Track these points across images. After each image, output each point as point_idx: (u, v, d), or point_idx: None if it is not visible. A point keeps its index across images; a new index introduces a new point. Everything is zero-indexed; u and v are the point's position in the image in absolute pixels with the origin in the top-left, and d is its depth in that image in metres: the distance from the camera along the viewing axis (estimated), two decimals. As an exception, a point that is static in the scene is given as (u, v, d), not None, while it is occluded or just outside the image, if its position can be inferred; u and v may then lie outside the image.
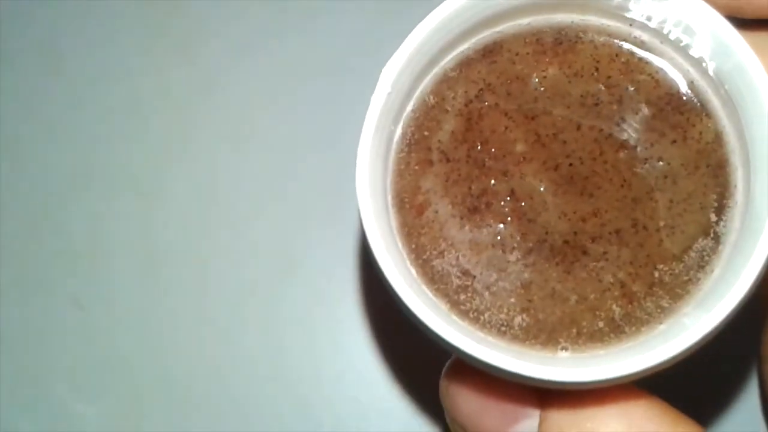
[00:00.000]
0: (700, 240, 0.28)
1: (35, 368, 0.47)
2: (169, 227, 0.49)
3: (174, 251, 0.48)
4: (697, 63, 0.28)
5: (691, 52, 0.28)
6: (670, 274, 0.28)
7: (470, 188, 0.29)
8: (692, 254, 0.28)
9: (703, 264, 0.28)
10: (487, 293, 0.29)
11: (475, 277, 0.29)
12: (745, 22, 0.32)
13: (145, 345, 0.47)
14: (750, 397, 0.44)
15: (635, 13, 0.29)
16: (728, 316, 0.25)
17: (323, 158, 0.48)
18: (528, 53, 0.30)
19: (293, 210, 0.48)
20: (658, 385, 0.29)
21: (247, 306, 0.47)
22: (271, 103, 0.50)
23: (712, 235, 0.28)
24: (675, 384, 0.31)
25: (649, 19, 0.29)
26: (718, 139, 0.29)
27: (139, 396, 0.47)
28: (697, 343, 0.25)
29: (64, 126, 0.51)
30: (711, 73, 0.28)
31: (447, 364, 0.31)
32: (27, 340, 0.48)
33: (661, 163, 0.29)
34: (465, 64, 0.30)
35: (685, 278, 0.28)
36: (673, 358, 0.25)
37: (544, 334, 0.28)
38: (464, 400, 0.30)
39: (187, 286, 0.48)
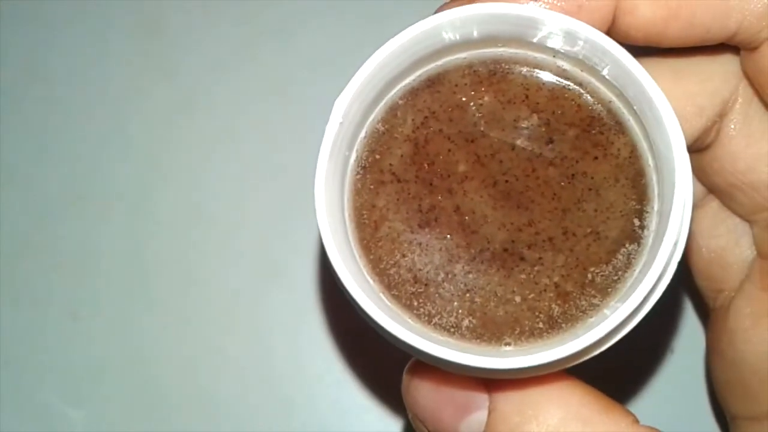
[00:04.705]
0: (625, 243, 0.32)
1: (30, 374, 0.50)
2: (157, 240, 0.52)
3: (161, 262, 0.51)
4: (613, 86, 0.32)
5: (607, 78, 0.32)
6: (601, 275, 0.32)
7: (420, 205, 0.33)
8: (619, 256, 0.32)
9: (629, 264, 0.32)
10: (437, 298, 0.32)
11: (426, 284, 0.32)
12: (664, 50, 0.36)
13: (134, 351, 0.50)
14: (676, 388, 0.48)
15: (556, 45, 0.33)
16: (639, 307, 0.28)
17: (303, 168, 0.51)
18: (466, 84, 0.34)
19: (275, 219, 0.52)
20: (595, 377, 0.32)
21: (231, 312, 0.50)
22: (251, 116, 0.54)
23: (634, 238, 0.32)
24: (610, 376, 0.34)
25: (568, 51, 0.32)
26: (634, 153, 0.33)
27: (128, 399, 0.49)
28: (614, 330, 0.28)
29: (56, 147, 0.53)
30: (625, 94, 0.32)
31: (408, 364, 0.35)
32: (23, 348, 0.50)
33: (585, 177, 0.33)
34: (411, 94, 0.34)
35: (614, 278, 0.32)
36: (596, 343, 0.28)
37: (489, 332, 0.32)
38: (422, 397, 0.34)
39: (173, 294, 0.51)
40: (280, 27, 0.55)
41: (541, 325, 0.31)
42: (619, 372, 0.42)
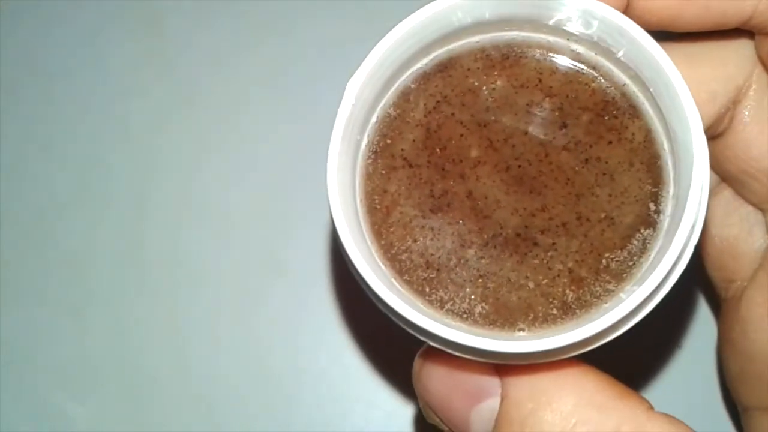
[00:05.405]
0: (640, 228, 0.32)
1: (30, 373, 0.50)
2: (158, 237, 0.52)
3: (162, 260, 0.51)
4: (628, 69, 0.32)
5: (622, 60, 0.32)
6: (616, 261, 0.31)
7: (432, 190, 0.33)
8: (634, 241, 0.32)
9: (644, 249, 0.31)
10: (450, 284, 0.32)
11: (438, 269, 0.32)
12: (678, 35, 0.35)
13: (135, 350, 0.50)
14: (687, 380, 0.48)
15: (571, 28, 0.32)
16: (656, 290, 0.28)
17: (304, 163, 0.51)
18: (479, 68, 0.33)
19: (276, 215, 0.51)
20: (606, 367, 0.32)
21: (233, 309, 0.50)
22: (251, 113, 0.53)
23: (650, 222, 0.32)
24: (621, 367, 0.34)
25: (582, 34, 0.32)
26: (648, 137, 0.32)
27: (128, 398, 0.49)
28: (630, 314, 0.28)
29: (56, 146, 0.53)
30: (641, 76, 0.32)
31: (419, 351, 0.34)
32: (23, 347, 0.50)
33: (599, 162, 0.32)
34: (423, 79, 0.34)
35: (630, 263, 0.31)
36: (612, 327, 0.28)
37: (502, 318, 0.31)
38: (433, 383, 0.33)
39: (174, 292, 0.51)
40: (279, 23, 0.55)
41: (555, 311, 0.31)
42: (629, 363, 0.42)
